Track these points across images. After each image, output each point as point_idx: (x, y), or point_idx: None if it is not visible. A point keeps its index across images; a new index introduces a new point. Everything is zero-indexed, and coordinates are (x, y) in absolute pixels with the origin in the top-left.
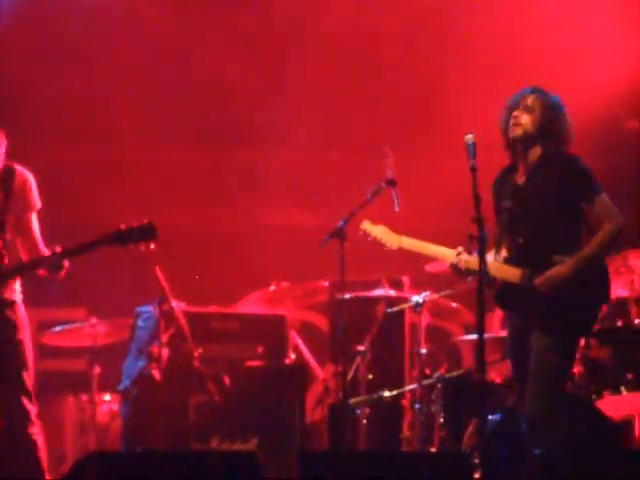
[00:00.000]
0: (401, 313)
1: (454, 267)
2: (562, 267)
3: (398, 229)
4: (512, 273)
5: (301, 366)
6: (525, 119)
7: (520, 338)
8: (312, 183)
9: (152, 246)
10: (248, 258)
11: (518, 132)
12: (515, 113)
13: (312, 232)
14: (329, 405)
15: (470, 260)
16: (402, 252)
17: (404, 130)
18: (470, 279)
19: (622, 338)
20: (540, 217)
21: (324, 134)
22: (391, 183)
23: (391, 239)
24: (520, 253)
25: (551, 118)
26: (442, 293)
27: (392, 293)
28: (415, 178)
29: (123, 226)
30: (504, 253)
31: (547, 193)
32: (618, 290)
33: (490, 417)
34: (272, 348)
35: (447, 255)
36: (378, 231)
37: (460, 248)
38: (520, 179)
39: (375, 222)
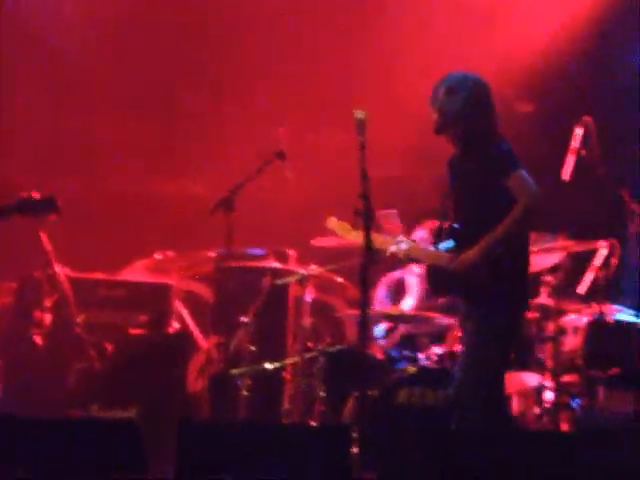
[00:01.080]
0: (286, 286)
1: (393, 255)
2: (473, 249)
3: (291, 202)
4: (443, 258)
5: (184, 336)
6: (435, 116)
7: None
8: (202, 153)
9: (53, 219)
10: (135, 226)
11: (435, 130)
12: (435, 104)
13: (200, 202)
14: (211, 375)
15: (410, 247)
16: (288, 225)
17: (299, 104)
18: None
19: None
20: (469, 201)
21: (215, 105)
22: (281, 156)
23: (348, 234)
24: (456, 239)
25: (472, 105)
26: (328, 267)
27: (278, 265)
28: (310, 152)
29: (25, 195)
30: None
31: (475, 177)
32: None
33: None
34: (156, 317)
35: (389, 244)
36: (339, 227)
37: (400, 237)
38: (455, 165)
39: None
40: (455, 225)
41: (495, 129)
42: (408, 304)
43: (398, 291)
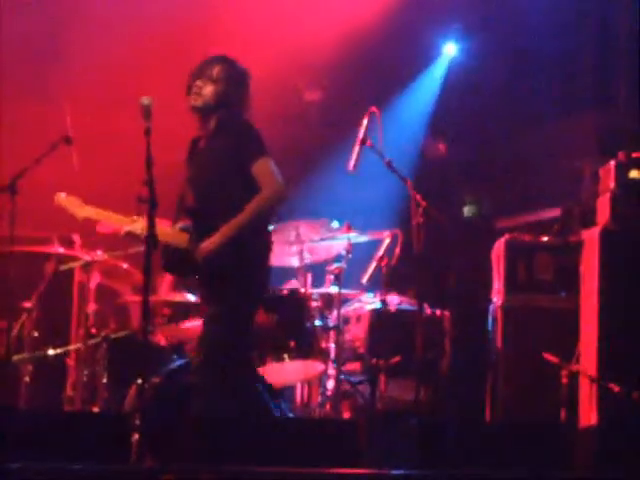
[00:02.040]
0: (71, 271)
1: (129, 234)
2: (215, 236)
3: (78, 187)
4: (181, 238)
5: None
6: (207, 90)
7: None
8: None
9: None
10: None
11: (198, 102)
12: (198, 82)
13: None
14: None
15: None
16: None
17: (90, 89)
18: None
19: (286, 306)
20: (213, 183)
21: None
22: (68, 141)
23: (80, 210)
24: (193, 219)
25: (234, 90)
26: (113, 253)
27: (62, 251)
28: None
29: None
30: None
31: (220, 159)
32: (288, 259)
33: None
34: None
35: (124, 223)
36: (68, 202)
37: (135, 217)
38: (201, 146)
39: (69, 194)
40: (193, 205)
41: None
42: None
43: None
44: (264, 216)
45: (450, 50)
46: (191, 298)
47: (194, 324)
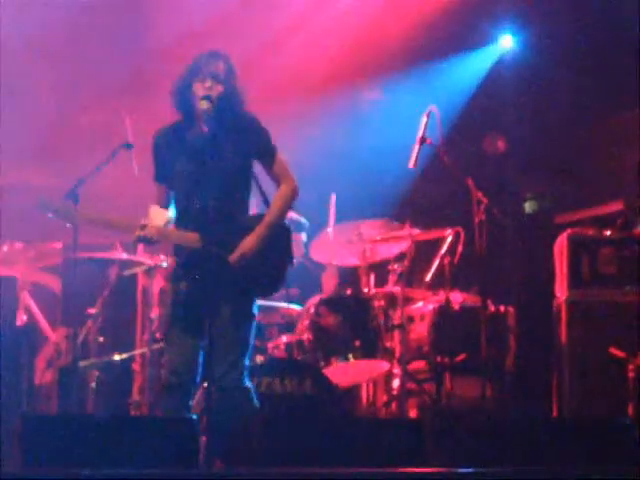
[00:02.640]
0: (134, 277)
1: (141, 239)
2: (251, 239)
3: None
4: (193, 238)
5: (32, 328)
6: (216, 92)
7: (195, 305)
8: (50, 143)
9: None
10: None
11: (208, 106)
12: (207, 84)
13: (48, 192)
14: (59, 367)
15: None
16: (135, 215)
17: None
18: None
19: (350, 306)
20: (227, 179)
21: (59, 93)
22: (128, 146)
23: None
24: (204, 217)
25: (236, 85)
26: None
27: (125, 256)
28: None
29: None
30: (169, 214)
31: (233, 155)
32: (350, 259)
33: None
34: (3, 309)
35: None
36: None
37: (143, 220)
38: (199, 140)
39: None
40: (206, 202)
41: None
42: None
43: None
44: (288, 211)
45: (507, 42)
46: None
47: None
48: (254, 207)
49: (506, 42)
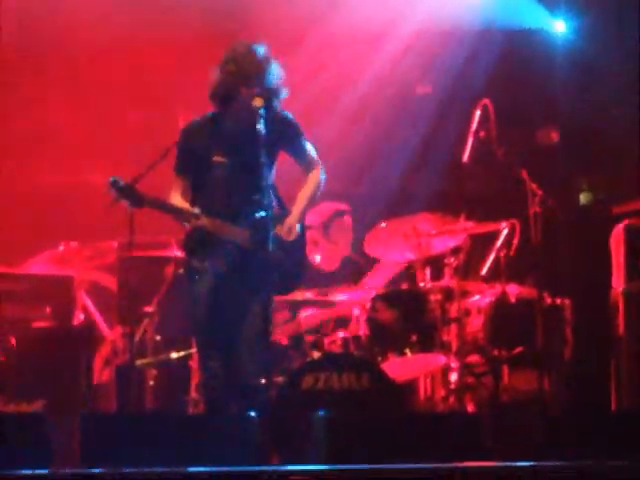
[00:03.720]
0: None
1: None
2: (295, 214)
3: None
4: (242, 235)
5: (89, 327)
6: (266, 91)
7: (224, 299)
8: (103, 142)
9: None
10: (38, 217)
11: (261, 104)
12: (258, 83)
13: (102, 191)
14: (117, 366)
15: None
16: None
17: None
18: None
19: (407, 301)
20: (262, 172)
21: (118, 93)
22: None
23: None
24: (241, 208)
25: (278, 82)
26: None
27: (181, 254)
28: None
29: None
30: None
31: (265, 145)
32: (406, 253)
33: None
34: (60, 309)
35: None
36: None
37: (197, 210)
38: (238, 133)
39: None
40: (238, 194)
41: None
42: None
43: None
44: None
45: (559, 27)
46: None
47: (307, 314)
48: None
49: (559, 27)
